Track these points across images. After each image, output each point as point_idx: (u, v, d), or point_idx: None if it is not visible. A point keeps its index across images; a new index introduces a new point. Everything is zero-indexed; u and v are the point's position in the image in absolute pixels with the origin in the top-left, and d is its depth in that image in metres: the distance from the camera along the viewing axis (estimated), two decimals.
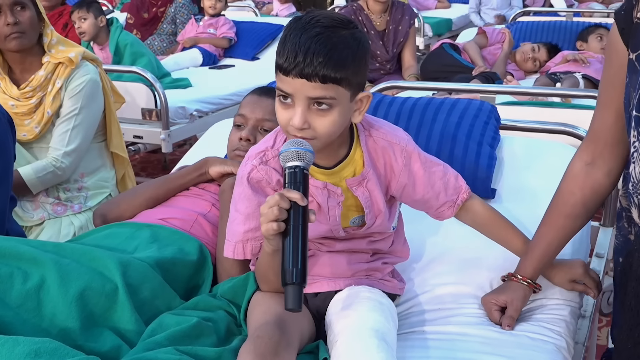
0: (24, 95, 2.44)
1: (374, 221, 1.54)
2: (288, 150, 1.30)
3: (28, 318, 1.41)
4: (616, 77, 1.38)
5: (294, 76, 1.30)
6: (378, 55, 4.04)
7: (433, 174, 1.57)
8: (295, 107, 1.33)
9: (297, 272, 1.23)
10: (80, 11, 4.04)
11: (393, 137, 1.52)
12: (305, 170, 1.30)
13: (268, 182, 1.47)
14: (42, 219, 2.47)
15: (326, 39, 1.29)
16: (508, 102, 3.28)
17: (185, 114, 3.83)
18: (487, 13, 7.54)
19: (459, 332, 1.57)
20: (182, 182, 1.98)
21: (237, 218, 1.49)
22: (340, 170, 1.48)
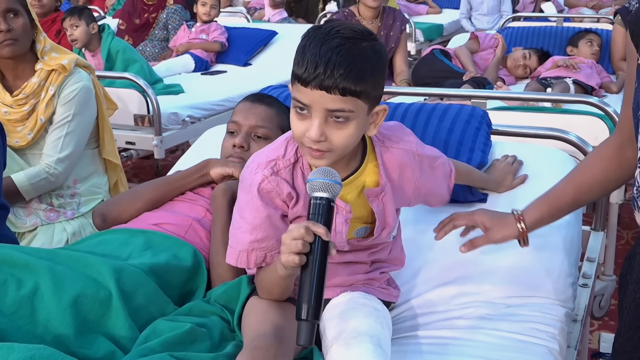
0: (17, 102, 2.44)
1: (380, 233, 1.53)
2: (317, 180, 1.27)
3: (22, 325, 1.41)
4: (630, 75, 1.37)
5: (313, 87, 1.27)
6: None
7: (436, 169, 1.60)
8: (313, 118, 1.30)
9: (312, 309, 1.22)
10: (72, 18, 4.04)
11: (405, 144, 1.51)
12: (332, 202, 1.27)
13: (278, 193, 1.43)
14: (34, 225, 2.47)
15: (347, 51, 1.27)
16: (499, 107, 3.30)
17: (178, 120, 3.83)
18: (478, 19, 7.57)
19: (451, 337, 1.58)
20: (184, 183, 1.97)
21: (243, 226, 1.45)
22: (351, 183, 1.46)
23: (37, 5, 4.35)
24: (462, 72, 4.03)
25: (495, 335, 1.58)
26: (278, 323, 1.38)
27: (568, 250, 1.81)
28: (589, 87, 3.88)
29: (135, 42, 5.54)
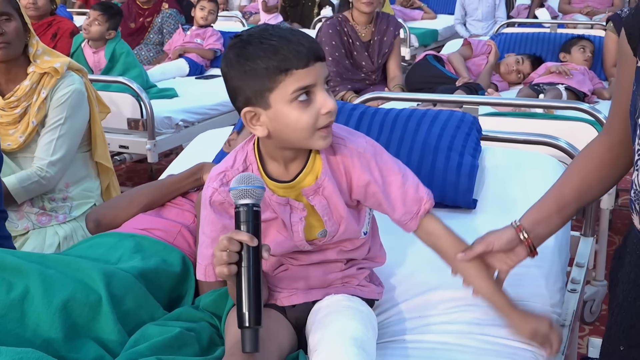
0: (9, 105, 2.45)
1: (338, 228, 1.52)
2: (236, 189, 1.27)
3: (11, 328, 1.42)
4: (625, 79, 1.37)
5: (312, 62, 1.33)
6: (363, 65, 4.07)
7: (389, 184, 1.50)
8: (318, 93, 1.34)
9: (251, 316, 1.23)
10: (103, 15, 4.07)
11: (351, 142, 1.48)
12: (255, 207, 1.28)
13: (230, 203, 1.43)
14: (26, 229, 2.47)
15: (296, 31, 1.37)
16: (491, 113, 3.31)
17: (171, 124, 3.84)
18: (472, 24, 7.60)
19: (438, 341, 1.59)
20: (178, 187, 1.98)
21: (204, 241, 1.49)
22: (300, 182, 1.46)
23: (32, 8, 4.36)
24: (455, 78, 4.04)
25: (483, 340, 1.58)
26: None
27: (556, 255, 1.82)
28: (581, 94, 3.90)
29: (131, 46, 5.54)
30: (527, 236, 1.53)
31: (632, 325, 1.31)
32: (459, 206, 2.01)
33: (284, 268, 1.59)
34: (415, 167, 2.02)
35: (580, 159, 1.56)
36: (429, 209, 1.54)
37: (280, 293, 1.59)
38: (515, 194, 2.01)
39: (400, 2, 8.67)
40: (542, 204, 1.56)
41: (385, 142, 2.08)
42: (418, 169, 2.02)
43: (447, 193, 1.99)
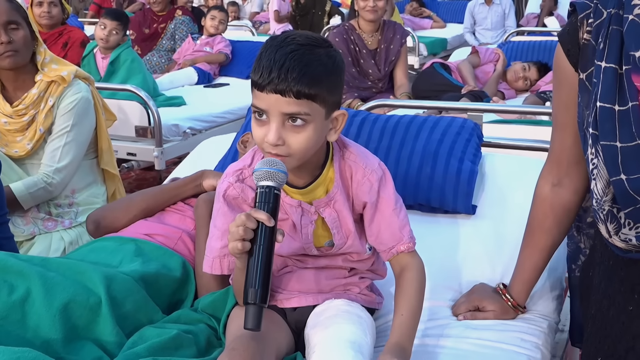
0: (17, 113, 2.48)
1: (345, 241, 1.55)
2: (261, 170, 1.30)
3: (12, 330, 1.44)
4: (568, 98, 1.41)
5: (268, 92, 1.31)
6: (370, 73, 4.09)
7: (378, 212, 1.53)
8: (270, 123, 1.33)
9: (258, 292, 1.25)
10: (118, 24, 4.14)
11: (364, 162, 1.51)
12: (276, 190, 1.30)
13: (244, 199, 1.49)
14: (32, 234, 2.50)
15: (300, 56, 1.31)
16: (496, 120, 3.32)
17: (179, 131, 3.88)
18: (481, 33, 7.62)
19: (435, 345, 1.60)
20: (178, 193, 2.01)
21: (215, 234, 1.52)
22: (313, 190, 1.49)
23: (46, 17, 4.40)
24: (461, 86, 4.06)
25: (478, 344, 1.59)
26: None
27: (553, 264, 1.81)
28: None
29: (143, 51, 5.63)
30: (519, 307, 1.72)
31: (607, 335, 1.32)
32: (458, 212, 2.02)
33: (288, 269, 1.61)
34: (414, 173, 2.04)
35: (535, 224, 1.66)
36: (404, 251, 1.53)
37: (281, 294, 1.61)
38: (515, 200, 2.02)
39: (410, 11, 8.71)
40: (526, 279, 1.70)
41: (386, 148, 2.09)
42: (418, 175, 2.03)
43: (446, 198, 2.00)
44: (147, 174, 5.17)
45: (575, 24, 1.35)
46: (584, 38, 1.33)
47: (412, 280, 1.51)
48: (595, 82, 1.26)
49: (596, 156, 1.26)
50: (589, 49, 1.31)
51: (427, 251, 1.91)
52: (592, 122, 1.26)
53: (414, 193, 2.04)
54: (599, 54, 1.26)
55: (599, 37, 1.28)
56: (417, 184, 2.03)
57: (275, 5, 7.87)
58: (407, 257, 1.54)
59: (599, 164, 1.26)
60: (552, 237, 1.65)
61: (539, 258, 1.68)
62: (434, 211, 2.07)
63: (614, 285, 1.34)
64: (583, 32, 1.33)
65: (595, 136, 1.25)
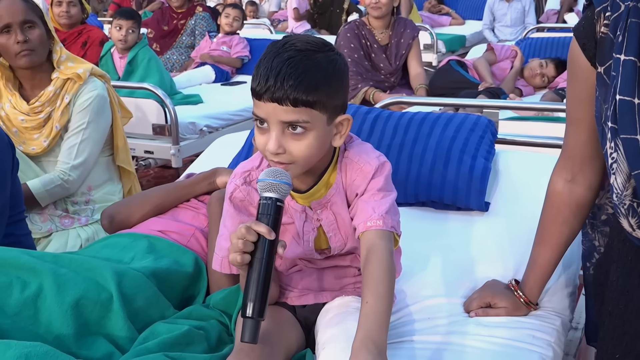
0: (34, 110, 2.51)
1: (344, 244, 1.52)
2: (264, 181, 1.29)
3: (25, 326, 1.45)
4: (583, 92, 1.40)
5: (266, 100, 1.29)
6: (382, 67, 4.11)
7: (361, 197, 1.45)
8: (270, 131, 1.32)
9: (255, 306, 1.25)
10: (133, 23, 4.17)
11: (358, 156, 1.46)
12: (279, 202, 1.29)
13: (250, 202, 1.48)
14: (49, 231, 2.52)
15: (298, 62, 1.29)
16: (513, 117, 3.30)
17: (195, 129, 3.90)
18: (500, 30, 7.57)
19: (446, 342, 1.59)
20: (191, 190, 2.02)
21: (224, 233, 1.52)
22: (314, 194, 1.47)
23: (65, 16, 4.45)
24: (478, 83, 4.04)
25: (489, 342, 1.58)
26: (267, 328, 1.39)
27: (567, 260, 1.81)
28: None
29: (163, 49, 5.66)
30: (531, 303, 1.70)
31: (625, 332, 1.31)
32: (471, 209, 2.01)
33: (297, 268, 1.61)
34: (427, 170, 2.03)
35: (548, 221, 1.64)
36: (370, 227, 1.39)
37: (292, 292, 1.61)
38: (529, 197, 2.00)
39: (429, 8, 8.68)
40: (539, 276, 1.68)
41: (399, 145, 2.09)
42: (430, 172, 2.03)
43: (459, 195, 2.00)
44: (165, 171, 5.20)
45: (591, 18, 1.33)
46: (602, 31, 1.31)
47: (378, 263, 1.35)
48: (614, 75, 1.25)
49: (615, 150, 1.25)
50: (607, 43, 1.30)
51: (439, 248, 1.92)
52: (611, 116, 1.24)
53: (426, 190, 2.03)
54: (618, 47, 1.25)
55: (617, 30, 1.26)
56: (429, 181, 2.03)
57: (294, 3, 7.86)
58: (374, 236, 1.39)
59: (618, 158, 1.25)
60: (565, 234, 1.63)
61: (551, 254, 1.66)
62: (447, 208, 2.06)
63: (632, 281, 1.32)
64: (600, 25, 1.31)
65: (615, 130, 1.24)
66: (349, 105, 2.31)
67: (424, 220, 2.02)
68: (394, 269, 1.37)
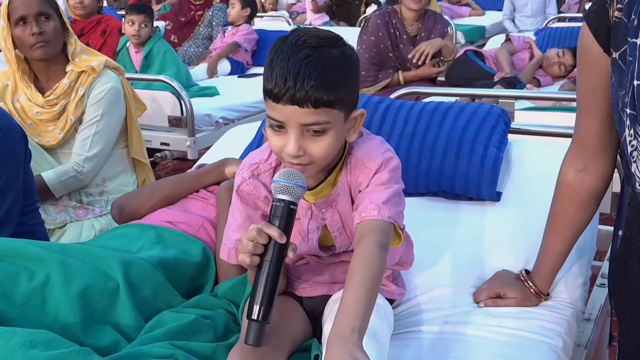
0: (49, 103, 2.53)
1: (349, 243, 1.50)
2: (279, 183, 1.27)
3: (32, 315, 1.46)
4: (595, 80, 1.37)
5: (285, 103, 1.24)
6: (408, 59, 4.06)
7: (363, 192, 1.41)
8: (289, 134, 1.27)
9: (261, 310, 1.24)
10: (145, 17, 4.18)
11: (363, 152, 1.42)
12: (292, 205, 1.27)
13: (257, 196, 1.46)
14: (64, 222, 2.55)
15: (316, 61, 1.24)
16: (531, 107, 3.27)
17: (211, 121, 3.91)
18: (521, 20, 7.49)
19: (454, 332, 1.59)
20: (200, 181, 2.02)
21: (232, 224, 1.51)
22: (321, 191, 1.44)
23: (79, 7, 4.51)
24: (494, 73, 4.01)
25: (498, 332, 1.57)
26: (273, 319, 1.39)
27: (579, 251, 1.79)
28: None
29: (180, 40, 5.67)
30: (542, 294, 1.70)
31: None
32: (483, 198, 2.00)
33: (304, 262, 1.61)
34: (438, 160, 2.02)
35: (558, 211, 1.62)
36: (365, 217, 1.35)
37: (300, 284, 1.61)
38: (542, 186, 1.97)
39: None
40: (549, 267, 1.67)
41: (410, 135, 2.08)
42: (442, 162, 2.01)
43: (471, 185, 1.98)
44: (183, 164, 5.23)
45: (603, 4, 1.31)
46: (615, 16, 1.29)
47: (358, 254, 1.30)
48: (630, 60, 1.22)
49: (635, 137, 1.22)
50: (621, 27, 1.27)
51: (450, 238, 1.91)
52: (629, 102, 1.21)
53: (437, 180, 2.02)
54: (633, 31, 1.22)
55: (631, 13, 1.23)
56: (441, 171, 2.01)
57: None
58: (366, 227, 1.34)
59: (639, 145, 1.22)
60: (576, 224, 1.61)
61: (562, 245, 1.64)
62: (459, 198, 2.04)
63: None
64: (613, 10, 1.29)
65: (634, 116, 1.21)
66: (361, 95, 2.30)
67: (435, 211, 2.00)
68: (378, 260, 1.29)
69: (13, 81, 2.54)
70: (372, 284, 1.26)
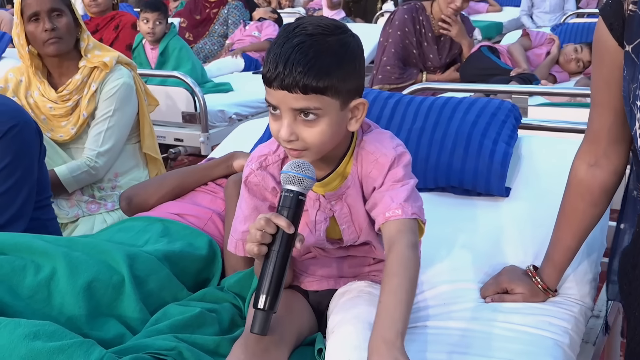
0: (62, 98, 2.55)
1: (357, 237, 1.50)
2: (288, 173, 1.28)
3: (38, 308, 1.47)
4: (609, 74, 1.36)
5: (276, 87, 1.26)
6: (430, 59, 4.02)
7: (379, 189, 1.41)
8: (282, 118, 1.29)
9: (267, 299, 1.25)
10: (159, 14, 4.19)
11: (374, 146, 1.42)
12: (301, 196, 1.28)
13: (265, 187, 1.47)
14: (76, 216, 2.56)
15: (308, 48, 1.25)
16: (544, 103, 3.25)
17: (225, 117, 3.93)
18: (539, 16, 7.42)
19: (459, 327, 1.58)
20: (208, 174, 2.04)
21: (239, 216, 1.51)
22: (330, 183, 1.44)
23: (93, 5, 4.55)
24: (509, 69, 3.97)
25: (504, 328, 1.56)
26: (278, 312, 1.39)
27: (588, 247, 1.77)
28: None
29: (196, 38, 5.69)
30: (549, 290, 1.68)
31: None
32: (492, 194, 1.98)
33: (311, 255, 1.61)
34: (447, 155, 2.01)
35: (569, 206, 1.61)
36: (390, 218, 1.35)
37: (306, 277, 1.61)
38: (551, 182, 1.96)
39: None
40: (557, 262, 1.66)
41: (419, 130, 2.07)
42: (450, 157, 2.00)
43: (479, 180, 1.97)
44: (198, 160, 5.24)
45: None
46: (630, 10, 1.29)
47: (394, 256, 1.31)
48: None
49: None
50: (635, 21, 1.27)
51: (457, 233, 1.90)
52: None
53: (446, 175, 2.01)
54: None
55: None
56: (449, 166, 2.00)
57: None
58: (393, 228, 1.35)
59: None
60: (587, 220, 1.60)
61: (572, 241, 1.63)
62: (467, 193, 2.03)
63: None
64: (628, 3, 1.29)
65: None
66: (369, 90, 2.30)
67: (443, 206, 1.99)
68: (413, 261, 1.31)
69: (27, 77, 2.57)
70: (411, 285, 1.29)
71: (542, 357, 1.47)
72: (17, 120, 1.91)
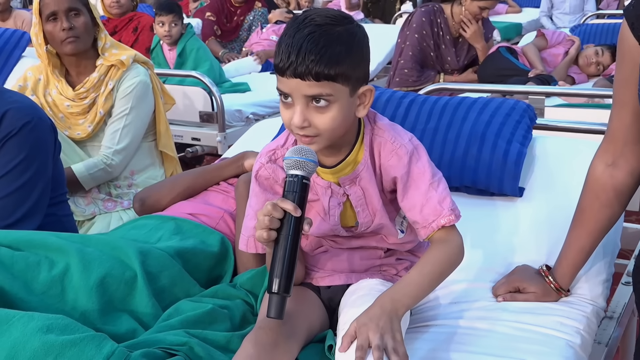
0: (79, 96, 2.57)
1: (371, 220, 1.52)
2: (290, 159, 1.32)
3: (52, 303, 1.49)
4: (631, 74, 1.37)
5: (289, 76, 1.31)
6: (448, 61, 4.01)
7: (413, 188, 1.46)
8: (295, 105, 1.34)
9: (281, 283, 1.27)
10: (174, 16, 4.21)
11: (393, 138, 1.47)
12: (305, 179, 1.31)
13: (275, 180, 1.50)
14: (93, 214, 2.59)
15: (318, 37, 1.31)
16: (563, 104, 3.23)
17: (242, 117, 3.94)
18: (559, 17, 7.38)
19: (470, 327, 1.57)
20: (220, 174, 2.06)
21: (249, 213, 1.54)
22: (342, 169, 1.47)
23: (115, 6, 4.60)
24: (527, 70, 3.95)
25: (515, 327, 1.56)
26: (288, 306, 1.39)
27: (602, 247, 1.75)
28: None
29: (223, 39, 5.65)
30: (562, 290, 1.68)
31: None
32: (505, 194, 1.98)
33: (323, 249, 1.62)
34: (461, 155, 2.01)
35: (585, 205, 1.61)
36: (445, 224, 1.44)
37: (317, 273, 1.62)
38: (565, 183, 1.95)
39: None
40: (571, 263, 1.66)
41: (433, 129, 2.07)
42: (464, 157, 2.00)
43: (493, 180, 1.96)
44: (215, 159, 5.27)
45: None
46: None
47: (441, 250, 1.44)
48: None
49: None
50: None
51: (472, 233, 1.89)
52: None
53: (460, 175, 2.00)
54: None
55: None
56: (463, 166, 2.00)
57: None
58: (446, 231, 1.45)
59: None
60: (603, 220, 1.59)
61: (587, 240, 1.62)
62: (481, 193, 2.03)
63: None
64: None
65: None
66: (384, 89, 2.30)
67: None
68: (453, 262, 1.45)
69: (45, 75, 2.60)
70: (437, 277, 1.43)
71: (553, 357, 1.46)
72: (32, 116, 1.93)
